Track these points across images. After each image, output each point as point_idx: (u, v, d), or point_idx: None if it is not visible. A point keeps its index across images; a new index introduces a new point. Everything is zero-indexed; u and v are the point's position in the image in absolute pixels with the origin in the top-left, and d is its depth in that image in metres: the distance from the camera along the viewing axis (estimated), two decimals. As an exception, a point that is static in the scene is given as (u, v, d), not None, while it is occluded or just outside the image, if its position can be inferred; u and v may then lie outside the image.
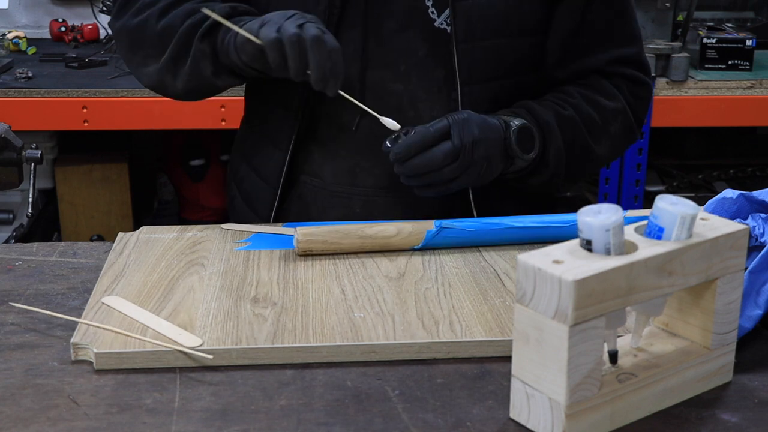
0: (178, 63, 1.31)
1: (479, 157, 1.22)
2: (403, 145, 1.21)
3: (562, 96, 1.36)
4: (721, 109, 2.57)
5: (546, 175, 1.33)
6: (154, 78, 1.36)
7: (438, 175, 1.22)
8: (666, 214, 0.84)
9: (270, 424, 0.85)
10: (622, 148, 1.46)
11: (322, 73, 1.18)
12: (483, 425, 0.85)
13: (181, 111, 2.48)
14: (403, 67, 1.32)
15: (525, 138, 1.28)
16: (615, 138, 1.39)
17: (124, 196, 2.86)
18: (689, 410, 0.88)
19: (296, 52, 1.16)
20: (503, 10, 1.30)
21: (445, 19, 1.30)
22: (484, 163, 1.23)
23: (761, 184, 2.93)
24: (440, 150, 1.21)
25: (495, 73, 1.33)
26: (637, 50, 1.41)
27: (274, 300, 1.06)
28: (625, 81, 1.40)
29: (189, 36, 1.29)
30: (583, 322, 0.78)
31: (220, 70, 1.29)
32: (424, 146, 1.21)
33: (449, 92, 1.32)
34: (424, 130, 1.21)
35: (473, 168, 1.23)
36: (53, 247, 1.24)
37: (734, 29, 2.75)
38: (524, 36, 1.34)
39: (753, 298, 0.97)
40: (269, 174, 1.41)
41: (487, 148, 1.23)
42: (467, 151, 1.21)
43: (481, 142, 1.22)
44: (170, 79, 1.34)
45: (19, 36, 2.89)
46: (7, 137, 1.37)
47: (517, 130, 1.27)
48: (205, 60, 1.28)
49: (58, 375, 0.93)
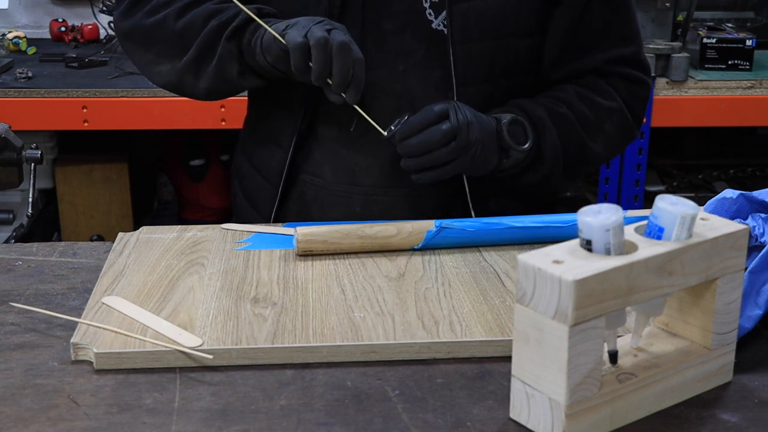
0: (203, 63, 1.32)
1: (474, 139, 1.24)
2: (406, 125, 1.24)
3: (556, 94, 1.37)
4: (721, 109, 2.57)
5: (543, 170, 1.34)
6: (171, 77, 1.37)
7: (436, 156, 1.24)
8: (666, 214, 0.84)
9: (270, 424, 0.85)
10: (620, 147, 1.46)
11: (344, 80, 1.20)
12: (483, 425, 0.85)
13: (181, 111, 2.48)
14: (401, 67, 1.33)
15: (517, 130, 1.30)
16: (610, 136, 1.40)
17: (124, 196, 2.86)
18: (689, 410, 0.88)
19: (321, 57, 1.18)
20: (500, 11, 1.31)
21: (442, 21, 1.31)
22: (479, 146, 1.25)
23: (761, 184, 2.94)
24: (440, 129, 1.23)
25: (491, 74, 1.34)
26: (636, 49, 1.41)
27: (274, 300, 1.06)
28: (623, 80, 1.40)
29: (215, 36, 1.30)
30: (583, 322, 0.78)
31: (246, 70, 1.31)
32: (424, 125, 1.24)
33: (446, 92, 1.32)
34: (425, 111, 1.24)
35: (469, 150, 1.24)
36: (53, 247, 1.24)
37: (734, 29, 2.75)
38: (521, 37, 1.34)
39: (753, 298, 0.97)
40: (271, 173, 1.42)
41: (481, 131, 1.25)
42: (463, 132, 1.23)
43: (475, 124, 1.25)
44: (191, 79, 1.34)
45: (19, 36, 2.89)
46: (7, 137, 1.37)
47: (507, 123, 1.29)
48: (232, 60, 1.30)
49: (58, 375, 0.93)
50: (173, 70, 1.36)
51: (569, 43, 1.37)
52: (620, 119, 1.39)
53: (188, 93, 1.40)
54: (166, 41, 1.35)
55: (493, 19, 1.31)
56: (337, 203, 1.39)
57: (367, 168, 1.37)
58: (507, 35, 1.33)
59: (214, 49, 1.30)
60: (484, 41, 1.31)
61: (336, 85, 1.21)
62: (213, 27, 1.30)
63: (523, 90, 1.38)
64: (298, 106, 1.36)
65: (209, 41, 1.31)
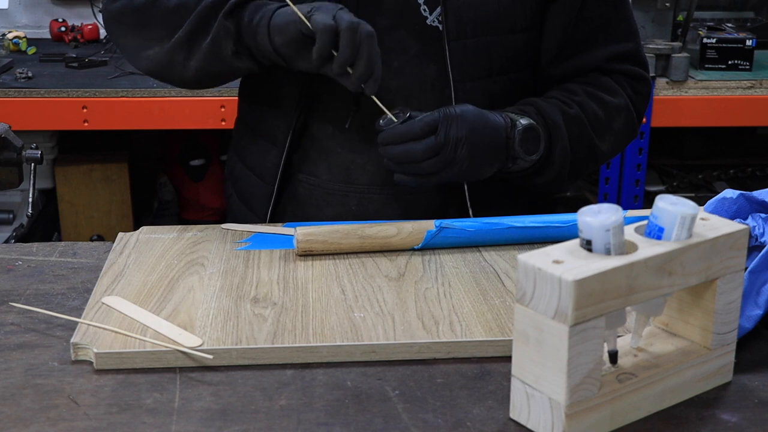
0: (196, 40, 1.28)
1: (461, 156, 1.22)
2: (389, 133, 1.22)
3: (567, 94, 1.36)
4: (721, 109, 2.57)
5: (551, 174, 1.33)
6: (160, 58, 1.32)
7: (417, 167, 1.22)
8: (666, 214, 0.84)
9: (270, 424, 0.85)
10: (624, 144, 1.46)
11: (369, 69, 1.18)
12: (483, 425, 0.85)
13: (181, 111, 2.48)
14: (396, 63, 1.32)
15: (530, 139, 1.28)
16: (618, 134, 1.40)
17: (124, 196, 2.87)
18: (689, 410, 0.88)
19: (351, 42, 1.16)
20: (495, 7, 1.30)
21: (437, 17, 1.31)
22: (465, 162, 1.23)
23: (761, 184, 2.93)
24: (422, 144, 1.21)
25: (488, 70, 1.33)
26: (635, 46, 1.41)
27: (274, 300, 1.06)
28: (626, 77, 1.40)
29: (211, 12, 1.26)
30: (583, 322, 0.78)
31: (241, 50, 1.27)
32: (409, 137, 1.21)
33: (442, 89, 1.32)
34: (412, 122, 1.22)
35: (454, 165, 1.22)
36: (53, 247, 1.24)
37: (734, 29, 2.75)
38: (517, 33, 1.34)
39: (753, 298, 0.97)
40: (265, 172, 1.41)
41: (472, 149, 1.22)
42: (450, 149, 1.21)
43: (467, 141, 1.22)
44: (181, 58, 1.30)
45: (19, 36, 2.89)
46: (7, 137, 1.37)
47: (522, 130, 1.27)
48: (227, 38, 1.26)
49: (58, 375, 0.93)
50: (162, 51, 1.31)
51: (568, 40, 1.37)
52: (627, 117, 1.39)
53: (177, 76, 1.35)
54: (159, 19, 1.31)
55: (489, 15, 1.30)
56: (332, 202, 1.39)
57: (363, 166, 1.37)
58: (503, 31, 1.32)
59: (209, 25, 1.26)
60: (479, 37, 1.31)
61: (360, 73, 1.18)
62: (209, 3, 1.26)
63: (521, 86, 1.38)
64: (292, 105, 1.35)
65: (204, 17, 1.27)
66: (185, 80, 1.37)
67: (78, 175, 2.83)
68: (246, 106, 1.50)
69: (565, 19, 1.35)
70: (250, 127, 1.47)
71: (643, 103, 1.43)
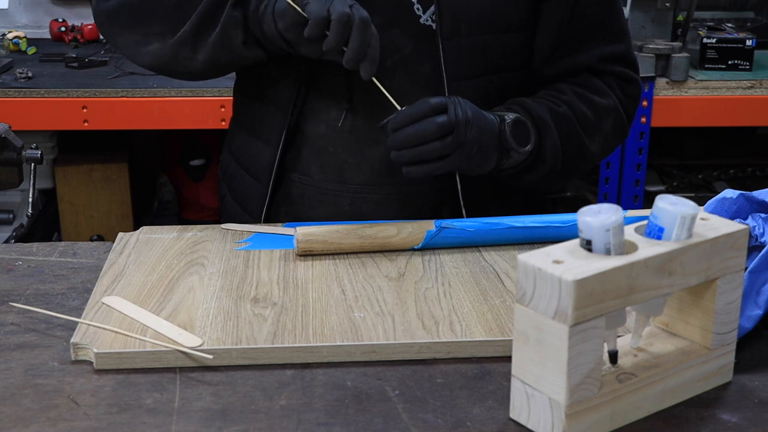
0: (203, 33, 1.28)
1: (471, 137, 1.22)
2: (400, 116, 1.20)
3: (555, 93, 1.37)
4: (721, 109, 2.57)
5: (543, 171, 1.33)
6: (164, 53, 1.32)
7: (429, 149, 1.20)
8: (666, 214, 0.84)
9: (270, 424, 0.85)
10: (614, 146, 1.46)
11: (359, 53, 1.18)
12: (483, 425, 0.85)
13: (181, 111, 2.48)
14: (389, 62, 1.32)
15: (520, 131, 1.28)
16: (608, 135, 1.40)
17: (124, 196, 2.87)
18: (689, 410, 0.88)
19: (340, 29, 1.16)
20: (489, 6, 1.31)
21: (431, 16, 1.31)
22: (475, 146, 1.22)
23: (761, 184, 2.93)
24: (435, 121, 1.20)
25: (482, 70, 1.33)
26: (626, 47, 1.42)
27: (274, 300, 1.06)
28: (616, 78, 1.40)
29: (218, 4, 1.26)
30: (583, 322, 0.78)
31: (250, 39, 1.28)
32: (422, 116, 1.20)
33: (436, 88, 1.32)
34: (421, 103, 1.21)
35: (465, 147, 1.21)
36: (53, 247, 1.24)
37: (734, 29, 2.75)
38: (511, 32, 1.34)
39: (753, 298, 0.97)
40: (259, 172, 1.41)
41: (480, 132, 1.22)
42: (461, 128, 1.20)
43: (474, 123, 1.22)
44: (188, 52, 1.30)
45: (19, 36, 2.89)
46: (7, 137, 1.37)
47: (511, 123, 1.27)
48: (236, 28, 1.26)
49: (58, 375, 0.93)
50: (166, 46, 1.31)
51: (560, 39, 1.37)
52: (616, 118, 1.40)
53: (182, 69, 1.35)
54: (160, 15, 1.31)
55: (483, 14, 1.31)
56: (325, 202, 1.38)
57: (356, 166, 1.36)
58: (497, 30, 1.32)
59: (216, 17, 1.27)
60: (473, 36, 1.31)
61: (349, 58, 1.18)
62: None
63: (515, 85, 1.38)
64: (286, 104, 1.35)
65: (211, 10, 1.27)
66: (191, 73, 1.36)
67: (78, 175, 2.83)
68: (240, 106, 1.50)
69: (558, 18, 1.35)
70: (244, 128, 1.47)
71: (633, 105, 1.43)
